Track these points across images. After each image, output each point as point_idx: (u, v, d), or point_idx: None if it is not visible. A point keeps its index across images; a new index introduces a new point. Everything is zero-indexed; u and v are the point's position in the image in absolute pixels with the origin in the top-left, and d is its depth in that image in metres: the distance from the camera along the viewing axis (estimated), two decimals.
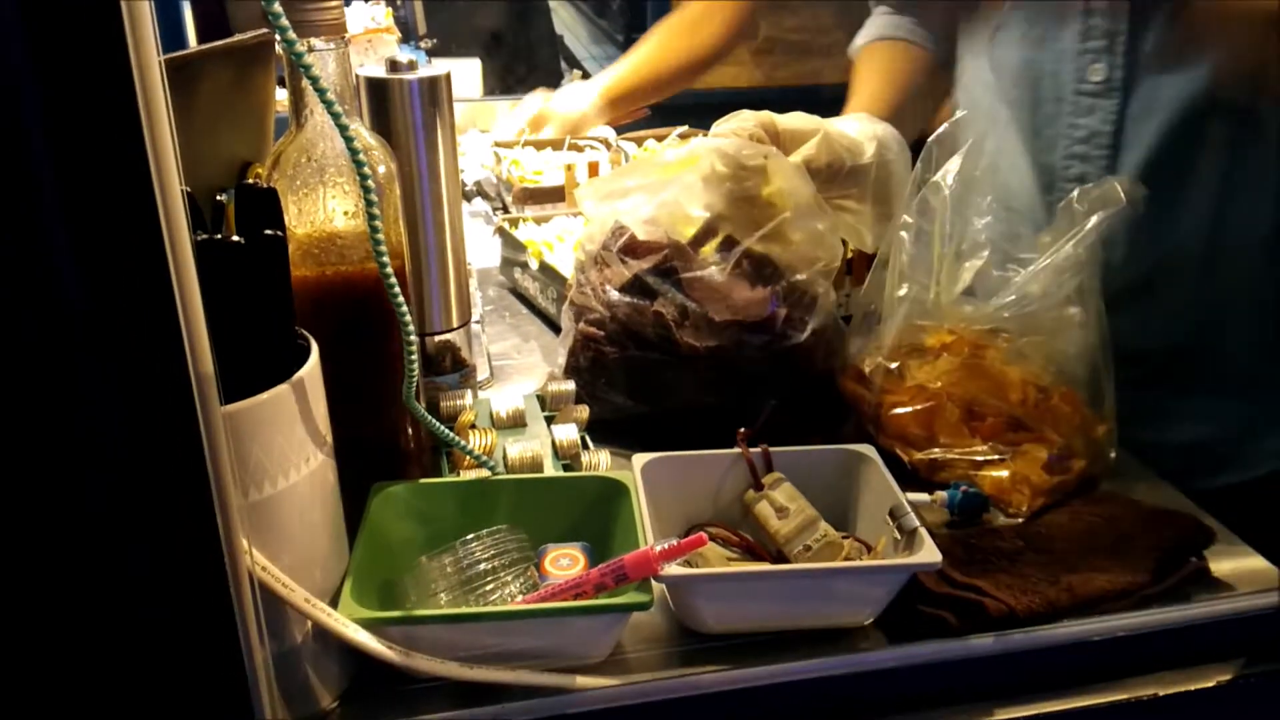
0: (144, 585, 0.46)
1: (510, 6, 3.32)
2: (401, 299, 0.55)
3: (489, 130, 1.84)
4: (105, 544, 0.44)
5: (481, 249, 1.23)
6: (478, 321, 1.04)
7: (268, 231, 0.48)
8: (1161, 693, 0.61)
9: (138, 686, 0.47)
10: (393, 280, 0.54)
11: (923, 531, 0.61)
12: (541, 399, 0.83)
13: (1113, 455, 0.78)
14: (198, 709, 0.49)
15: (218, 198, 0.50)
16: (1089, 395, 0.79)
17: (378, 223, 0.52)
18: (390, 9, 1.54)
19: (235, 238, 0.47)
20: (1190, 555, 0.67)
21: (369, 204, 0.51)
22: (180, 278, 0.42)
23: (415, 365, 0.58)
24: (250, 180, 0.57)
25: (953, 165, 0.80)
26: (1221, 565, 0.67)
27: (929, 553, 0.59)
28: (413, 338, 0.57)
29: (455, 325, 0.83)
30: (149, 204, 0.40)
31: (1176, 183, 0.88)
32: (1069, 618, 0.61)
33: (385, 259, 0.52)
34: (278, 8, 0.45)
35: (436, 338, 0.83)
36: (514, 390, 0.88)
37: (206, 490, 0.45)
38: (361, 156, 0.50)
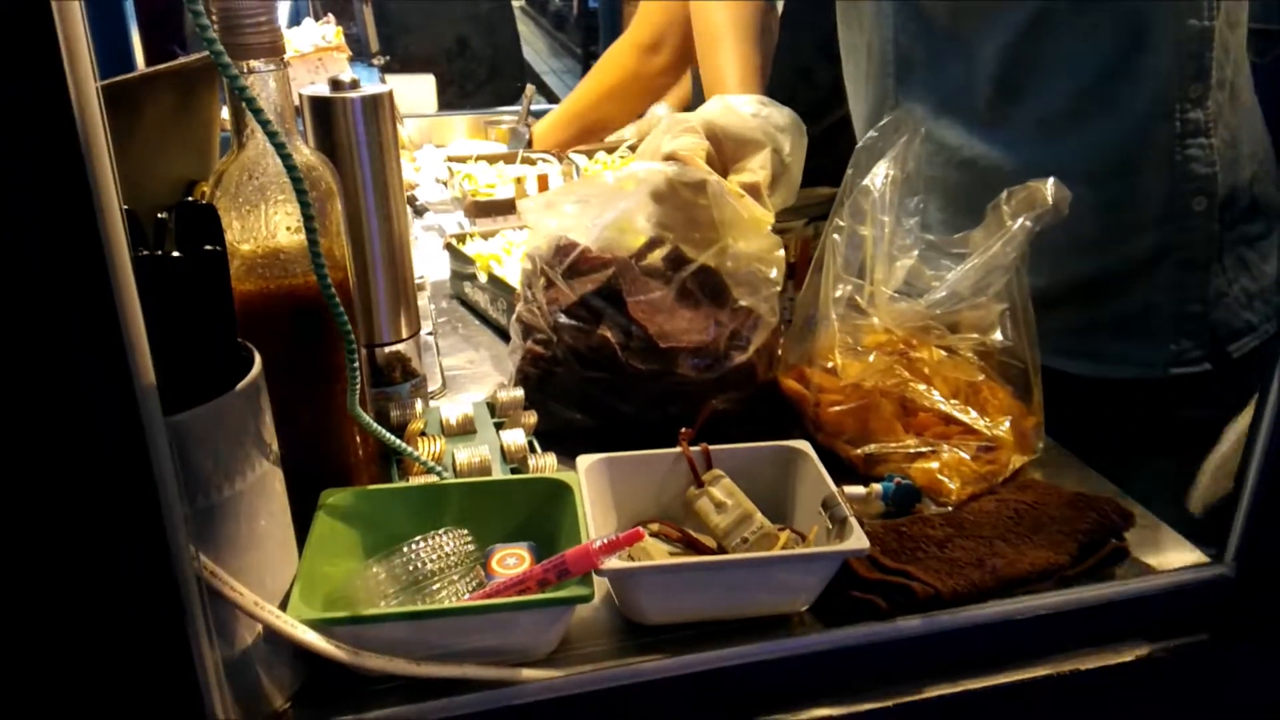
0: (94, 591, 0.47)
1: (474, 21, 3.35)
2: (342, 310, 0.57)
3: (444, 145, 1.86)
4: (54, 552, 0.46)
5: (435, 262, 1.25)
6: (430, 333, 1.06)
7: (207, 247, 0.49)
8: (1082, 668, 0.64)
9: (90, 690, 0.49)
10: (332, 292, 0.56)
11: (852, 520, 0.63)
12: (491, 406, 0.85)
13: (1040, 445, 0.81)
14: (150, 711, 0.50)
15: (159, 216, 0.52)
16: (1017, 389, 0.83)
17: (316, 237, 0.54)
18: (341, 28, 1.56)
19: (175, 254, 0.49)
20: (1110, 537, 0.70)
21: (307, 220, 0.53)
22: (121, 294, 0.44)
23: (358, 374, 0.60)
24: (193, 198, 0.59)
25: (880, 169, 0.83)
26: (1141, 546, 0.70)
27: (858, 540, 0.62)
28: (354, 347, 0.59)
29: (404, 336, 0.84)
30: (90, 224, 0.42)
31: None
32: (994, 599, 0.64)
33: (325, 272, 0.54)
34: (213, 34, 0.47)
35: (386, 349, 0.85)
36: (466, 399, 0.90)
37: (153, 498, 0.46)
38: (299, 174, 0.52)
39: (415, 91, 2.11)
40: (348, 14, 1.98)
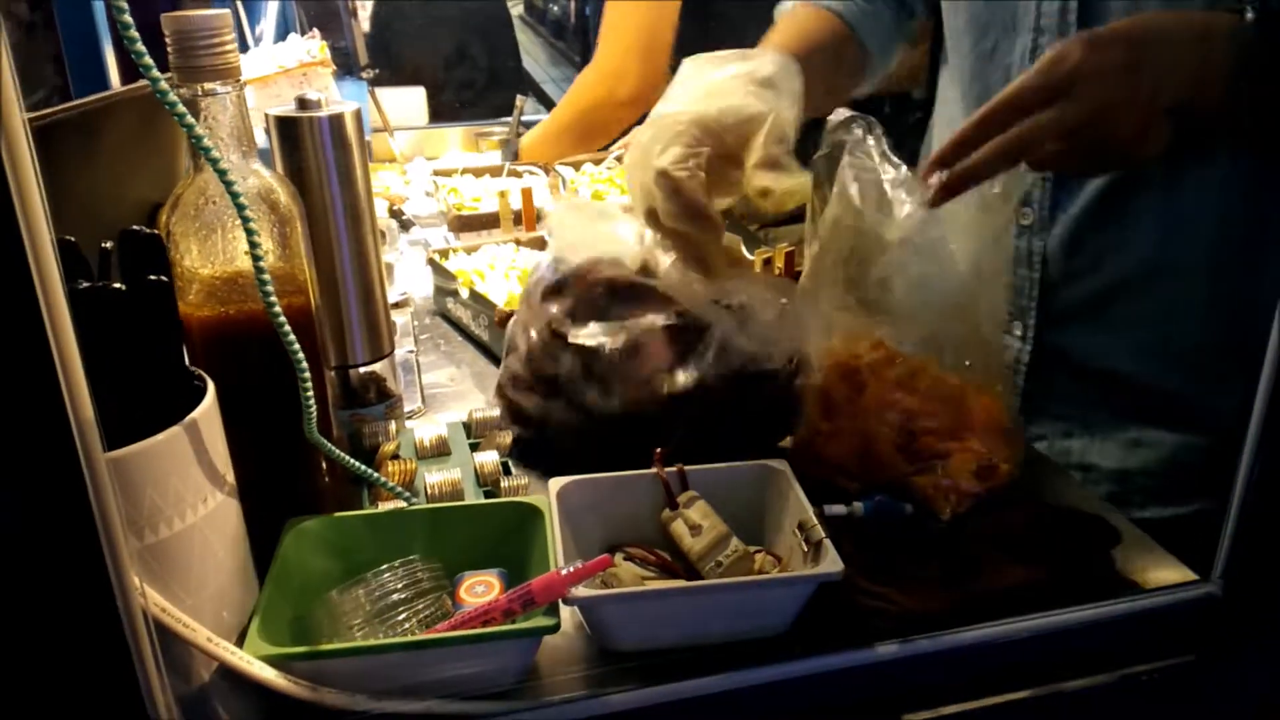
0: (40, 634, 0.46)
1: (473, 31, 3.35)
2: (291, 334, 0.55)
3: (436, 157, 1.86)
4: None
5: (421, 278, 1.24)
6: (411, 351, 1.05)
7: (151, 277, 0.48)
8: (1065, 689, 0.62)
9: None
10: (282, 319, 0.54)
11: (827, 543, 0.62)
12: (467, 426, 0.84)
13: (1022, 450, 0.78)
14: None
15: (104, 245, 0.50)
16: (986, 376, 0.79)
17: (262, 264, 0.53)
18: (325, 43, 1.55)
19: (117, 285, 0.48)
20: (1096, 555, 0.68)
21: (252, 245, 0.51)
22: (55, 328, 0.42)
23: (312, 400, 0.59)
24: (153, 224, 0.58)
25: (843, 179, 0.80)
26: (1128, 563, 0.68)
27: (832, 563, 0.60)
28: (305, 373, 0.57)
29: (377, 357, 0.83)
30: (19, 257, 0.41)
31: (1120, 208, 0.86)
32: (974, 619, 0.63)
33: (273, 299, 0.53)
34: (149, 60, 0.45)
35: (360, 369, 0.84)
36: (446, 419, 0.89)
37: (92, 534, 0.45)
38: (241, 199, 0.51)
39: (406, 104, 2.10)
40: (336, 29, 1.97)
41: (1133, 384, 0.84)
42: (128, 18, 0.43)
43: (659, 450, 0.71)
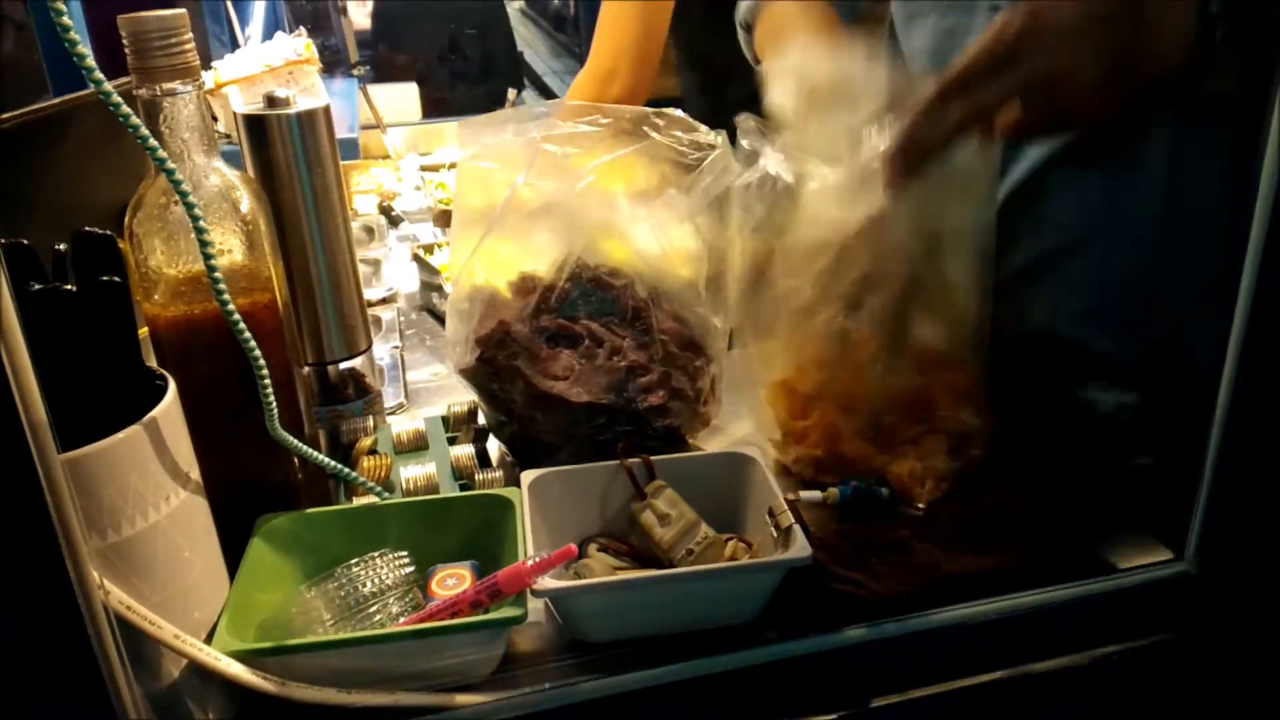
0: (4, 638, 0.47)
1: (467, 23, 3.35)
2: (246, 332, 0.56)
3: (429, 153, 1.86)
4: None
5: (408, 274, 1.24)
6: (396, 347, 1.05)
7: (104, 278, 0.49)
8: (1037, 670, 0.62)
9: None
10: (236, 317, 0.55)
11: (796, 528, 0.62)
12: (446, 420, 0.84)
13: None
14: None
15: (57, 248, 0.51)
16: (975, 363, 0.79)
17: (213, 262, 0.53)
18: (311, 41, 1.55)
19: (68, 287, 0.48)
20: (1071, 535, 0.68)
21: (203, 245, 0.52)
22: (3, 330, 0.43)
23: (271, 397, 0.59)
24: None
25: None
26: (1103, 544, 0.68)
27: (800, 549, 0.60)
28: (263, 370, 0.58)
29: (354, 353, 0.83)
30: None
31: (1054, 181, 0.86)
32: (946, 603, 0.63)
33: (225, 296, 0.53)
34: (91, 62, 0.46)
35: (339, 366, 0.84)
36: (426, 414, 0.89)
37: (50, 535, 0.46)
38: (191, 199, 0.51)
39: (399, 100, 2.10)
40: (328, 27, 1.97)
41: (1071, 347, 0.84)
42: (66, 20, 0.43)
43: (621, 443, 0.71)
